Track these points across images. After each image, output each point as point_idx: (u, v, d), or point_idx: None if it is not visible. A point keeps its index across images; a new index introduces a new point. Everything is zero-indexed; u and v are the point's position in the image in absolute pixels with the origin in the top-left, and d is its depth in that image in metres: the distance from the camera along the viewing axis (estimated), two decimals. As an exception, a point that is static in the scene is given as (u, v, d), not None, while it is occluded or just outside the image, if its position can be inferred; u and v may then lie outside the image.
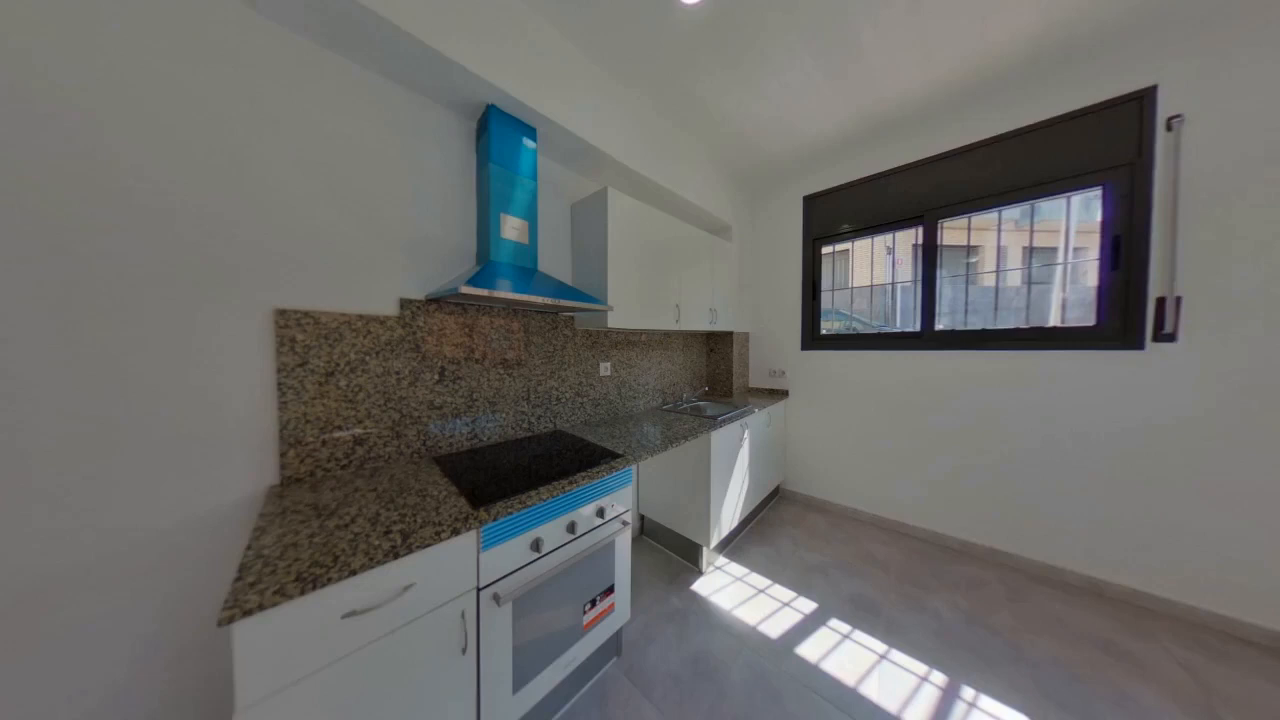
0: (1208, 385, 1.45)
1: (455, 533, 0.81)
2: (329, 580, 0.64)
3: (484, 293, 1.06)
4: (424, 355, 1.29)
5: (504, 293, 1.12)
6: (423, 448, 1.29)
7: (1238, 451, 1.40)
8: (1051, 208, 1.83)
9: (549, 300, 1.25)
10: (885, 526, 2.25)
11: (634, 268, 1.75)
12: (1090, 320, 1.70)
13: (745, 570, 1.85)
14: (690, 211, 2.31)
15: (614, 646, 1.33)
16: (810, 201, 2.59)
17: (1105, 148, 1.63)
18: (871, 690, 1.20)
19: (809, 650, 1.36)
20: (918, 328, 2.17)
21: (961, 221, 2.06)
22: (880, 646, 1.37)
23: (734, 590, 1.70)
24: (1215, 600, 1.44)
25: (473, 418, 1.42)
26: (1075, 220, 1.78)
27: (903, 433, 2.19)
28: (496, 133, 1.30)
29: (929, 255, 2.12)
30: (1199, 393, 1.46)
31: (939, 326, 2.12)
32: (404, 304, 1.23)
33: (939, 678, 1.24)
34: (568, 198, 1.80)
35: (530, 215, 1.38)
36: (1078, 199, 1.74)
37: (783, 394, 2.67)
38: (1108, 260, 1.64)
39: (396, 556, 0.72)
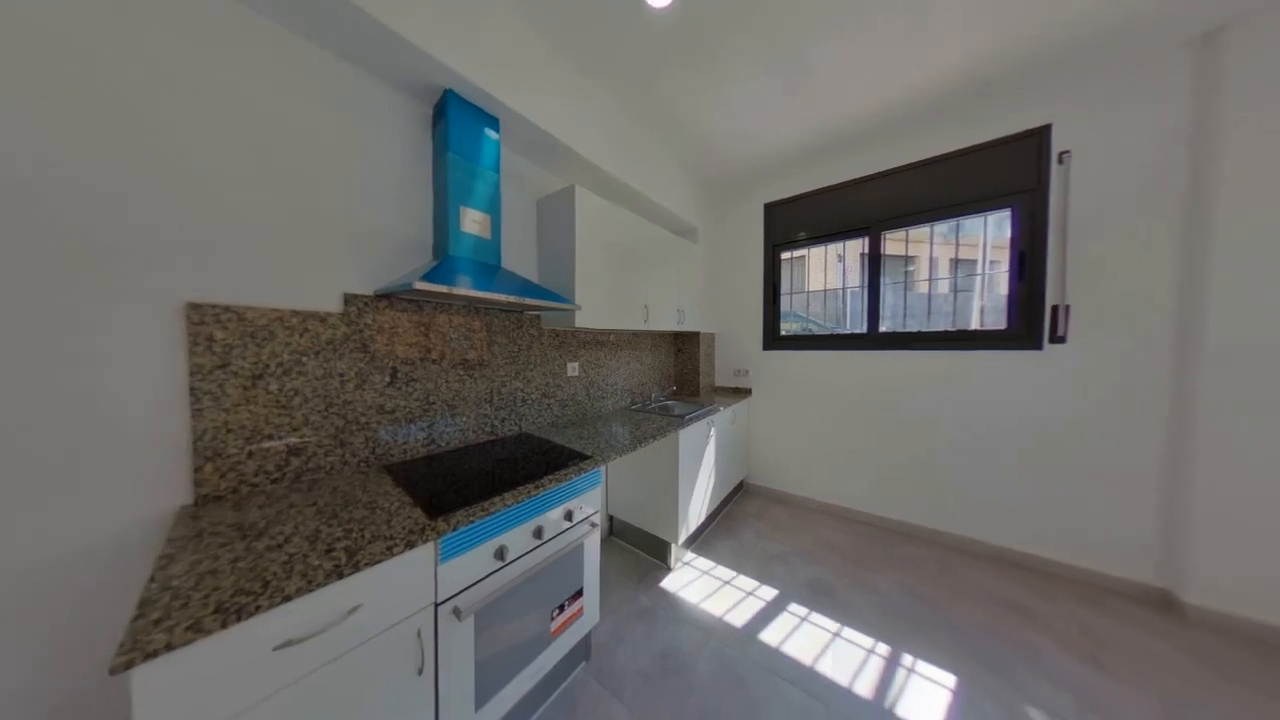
0: (1089, 381, 1.72)
1: (410, 546, 0.76)
2: (257, 609, 0.57)
3: (442, 289, 1.00)
4: (373, 355, 1.19)
5: (464, 290, 1.06)
6: (371, 456, 1.18)
7: (1111, 437, 1.68)
8: (972, 224, 2.07)
9: (513, 299, 1.20)
10: (839, 514, 2.43)
11: (602, 267, 1.74)
12: (1003, 324, 1.95)
13: (712, 564, 1.91)
14: (658, 213, 2.34)
15: (583, 650, 1.31)
16: (771, 209, 2.73)
17: (1013, 175, 1.88)
18: (826, 667, 1.29)
19: (771, 635, 1.43)
20: (864, 329, 2.37)
21: (900, 234, 2.27)
22: (834, 625, 1.48)
23: (701, 584, 1.75)
24: (1099, 561, 1.72)
25: (429, 422, 1.33)
26: (991, 236, 2.04)
27: (852, 426, 2.37)
28: (455, 120, 1.23)
29: (874, 263, 2.32)
30: (1083, 387, 1.73)
31: (883, 328, 2.32)
32: (349, 299, 1.13)
33: (884, 649, 1.36)
34: (533, 193, 1.74)
35: (493, 209, 1.32)
36: (993, 218, 1.99)
37: (746, 392, 2.79)
38: (1016, 272, 1.89)
39: (341, 576, 0.66)
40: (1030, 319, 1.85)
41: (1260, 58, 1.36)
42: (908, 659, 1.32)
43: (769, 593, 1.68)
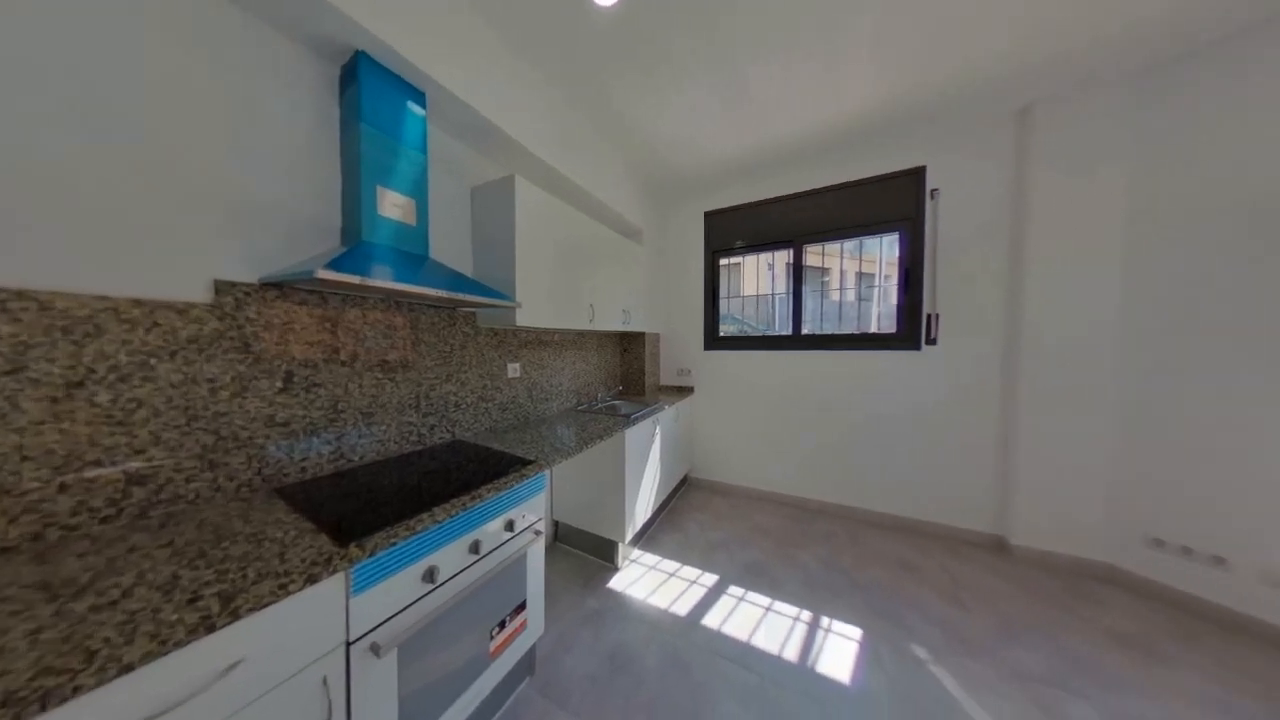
0: (951, 375, 2.14)
1: (311, 581, 0.64)
2: (76, 691, 0.43)
3: (352, 280, 0.87)
4: (257, 357, 0.98)
5: (382, 282, 0.93)
6: (257, 478, 0.98)
7: (964, 420, 2.11)
8: (872, 244, 2.44)
9: (444, 293, 1.09)
10: (771, 500, 2.67)
11: (546, 264, 1.67)
12: (893, 328, 2.33)
13: (658, 558, 1.96)
14: (603, 212, 2.33)
15: (526, 666, 1.25)
16: (710, 217, 2.89)
17: (900, 204, 2.25)
18: (761, 640, 1.40)
19: (713, 619, 1.51)
20: (790, 332, 2.64)
21: (818, 248, 2.58)
22: (766, 601, 1.62)
23: (648, 579, 1.78)
24: (958, 518, 2.15)
25: (338, 433, 1.15)
26: (886, 255, 2.42)
27: (780, 418, 2.63)
28: (368, 88, 1.08)
29: (797, 273, 2.60)
30: (947, 380, 2.15)
31: (805, 331, 2.61)
32: (222, 288, 0.92)
33: (807, 615, 1.53)
34: (467, 179, 1.61)
35: (418, 193, 1.19)
36: (886, 239, 2.37)
37: (689, 390, 2.92)
38: (903, 285, 2.27)
39: (212, 630, 0.53)
40: (913, 324, 2.24)
41: (1054, 131, 1.82)
42: (825, 621, 1.50)
43: (710, 579, 1.78)
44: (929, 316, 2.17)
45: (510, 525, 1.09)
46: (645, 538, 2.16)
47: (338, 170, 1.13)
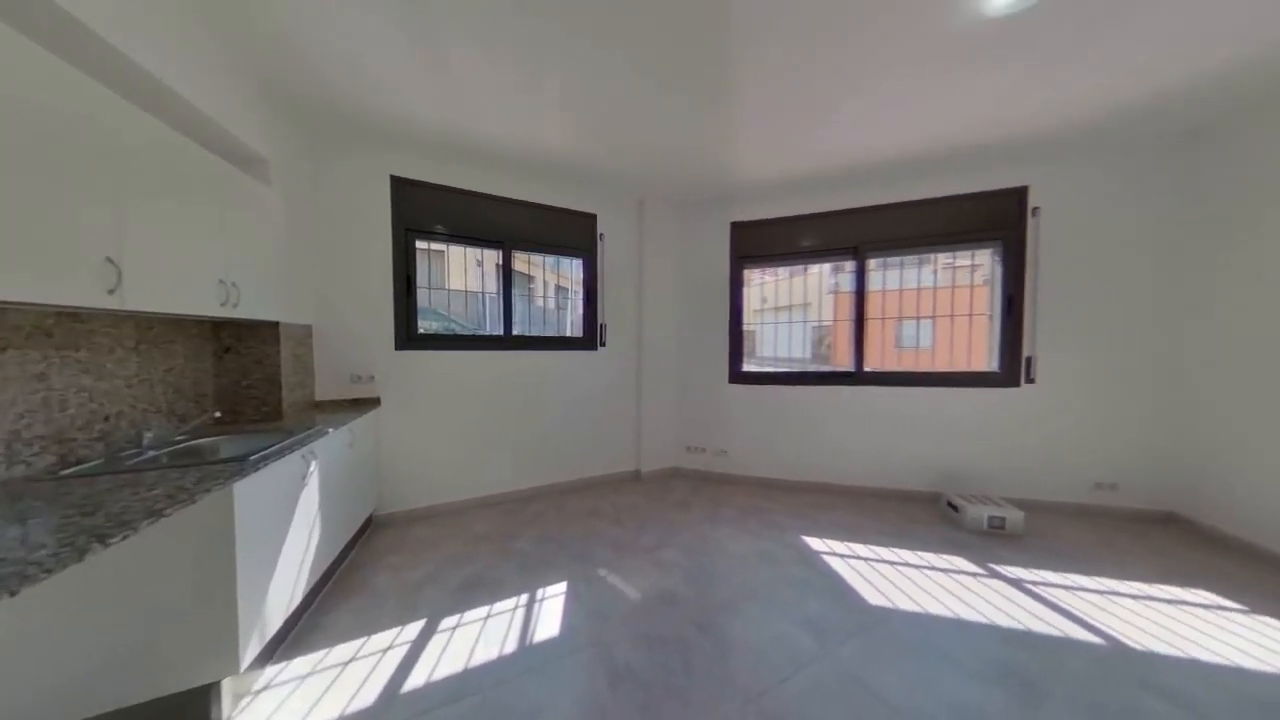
0: (614, 368, 3.07)
1: None
2: None
3: None
4: None
5: None
6: None
7: (622, 398, 3.11)
8: (566, 263, 2.99)
9: None
10: (486, 503, 2.59)
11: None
12: (580, 333, 2.99)
13: (321, 653, 1.35)
14: (175, 107, 1.26)
15: None
16: (401, 185, 2.34)
17: (583, 238, 2.91)
18: (480, 654, 1.33)
19: (418, 676, 1.25)
20: (502, 332, 2.69)
21: (525, 256, 2.80)
22: (484, 611, 1.56)
23: (300, 697, 1.18)
24: (619, 465, 3.11)
25: None
26: (575, 274, 3.05)
27: (491, 417, 2.62)
28: None
29: (506, 275, 2.68)
30: (612, 372, 3.06)
31: (515, 332, 2.75)
32: None
33: (525, 598, 1.63)
34: None
35: None
36: (575, 262, 2.99)
37: (372, 403, 2.22)
38: (586, 300, 2.96)
39: None
40: (592, 330, 2.97)
41: (651, 220, 3.07)
42: (540, 592, 1.67)
43: (413, 630, 1.46)
44: (601, 325, 2.97)
45: None
46: (293, 636, 1.41)
47: None
